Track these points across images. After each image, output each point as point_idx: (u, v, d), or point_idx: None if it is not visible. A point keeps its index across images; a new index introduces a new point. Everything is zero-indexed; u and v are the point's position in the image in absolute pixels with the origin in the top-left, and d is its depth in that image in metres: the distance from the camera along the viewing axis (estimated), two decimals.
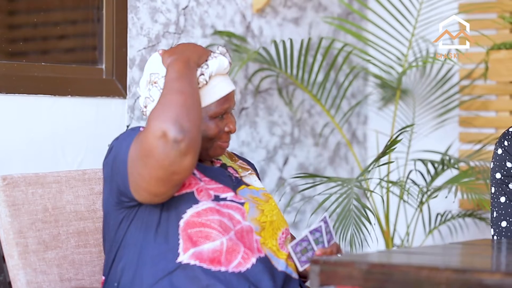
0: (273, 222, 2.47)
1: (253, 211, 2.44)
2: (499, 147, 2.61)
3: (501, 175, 2.59)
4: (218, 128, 2.46)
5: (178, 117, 2.22)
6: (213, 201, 2.37)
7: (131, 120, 3.57)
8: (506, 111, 4.27)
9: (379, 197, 4.36)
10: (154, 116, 2.25)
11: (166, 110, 2.23)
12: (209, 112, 2.44)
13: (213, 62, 2.41)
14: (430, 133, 4.40)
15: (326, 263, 1.96)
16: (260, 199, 2.51)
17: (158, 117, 2.23)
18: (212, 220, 2.34)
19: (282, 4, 4.24)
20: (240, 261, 2.35)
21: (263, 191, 2.57)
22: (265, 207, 2.48)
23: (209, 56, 2.44)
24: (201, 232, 2.33)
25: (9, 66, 3.22)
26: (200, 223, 2.33)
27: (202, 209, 2.35)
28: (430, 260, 2.09)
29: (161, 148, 2.21)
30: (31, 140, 3.23)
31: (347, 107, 4.52)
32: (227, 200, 2.41)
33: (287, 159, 4.30)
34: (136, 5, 3.59)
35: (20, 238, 2.56)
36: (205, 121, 2.44)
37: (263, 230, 2.44)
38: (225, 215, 2.37)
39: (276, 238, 2.45)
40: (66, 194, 2.71)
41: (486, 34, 4.11)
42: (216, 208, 2.36)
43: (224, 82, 2.46)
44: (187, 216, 2.34)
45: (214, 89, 2.43)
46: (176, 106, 2.23)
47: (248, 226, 2.40)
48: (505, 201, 2.58)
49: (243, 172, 2.59)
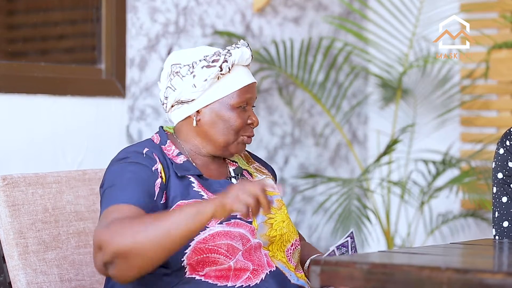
0: (283, 235, 2.43)
1: (262, 227, 2.39)
2: (501, 147, 2.60)
3: (503, 175, 2.58)
4: (241, 119, 2.40)
5: (124, 253, 2.13)
6: (221, 223, 2.32)
7: (130, 120, 3.57)
8: (507, 111, 4.26)
9: (380, 197, 4.36)
10: (119, 225, 2.16)
11: (128, 235, 2.13)
12: (232, 101, 2.39)
13: (236, 52, 2.39)
14: (431, 133, 4.39)
15: (327, 263, 1.95)
16: (273, 207, 2.46)
17: (117, 232, 2.14)
18: (220, 245, 2.29)
19: (282, 4, 4.23)
20: (249, 275, 2.32)
21: (277, 196, 2.53)
22: (276, 218, 2.44)
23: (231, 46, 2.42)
24: (208, 258, 2.29)
25: (9, 66, 3.21)
26: (207, 249, 2.28)
27: (209, 235, 2.29)
28: (432, 260, 2.09)
29: (95, 254, 2.19)
30: (31, 140, 3.22)
31: (348, 107, 4.51)
32: (237, 218, 2.36)
33: (287, 159, 4.29)
34: (136, 4, 3.59)
35: (20, 238, 2.55)
36: (227, 111, 2.40)
37: (271, 244, 2.40)
38: (235, 235, 2.32)
39: (284, 250, 2.42)
40: (66, 194, 2.70)
41: (487, 34, 4.10)
42: (224, 231, 2.31)
43: (247, 73, 2.44)
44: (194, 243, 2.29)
45: (236, 77, 2.40)
46: (136, 242, 2.13)
47: (257, 243, 2.36)
48: (507, 201, 2.57)
49: (258, 176, 2.55)
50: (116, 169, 2.32)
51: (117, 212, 2.21)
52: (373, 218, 4.24)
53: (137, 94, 3.59)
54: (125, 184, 2.27)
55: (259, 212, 2.14)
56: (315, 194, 4.39)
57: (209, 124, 2.40)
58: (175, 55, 2.44)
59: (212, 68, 2.36)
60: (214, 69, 2.36)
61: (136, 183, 2.28)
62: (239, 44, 2.43)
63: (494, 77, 4.18)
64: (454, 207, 4.34)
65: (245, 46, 2.42)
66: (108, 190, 2.29)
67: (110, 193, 2.27)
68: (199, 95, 2.38)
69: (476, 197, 3.83)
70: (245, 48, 2.41)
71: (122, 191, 2.26)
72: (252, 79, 2.44)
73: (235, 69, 2.41)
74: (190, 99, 2.39)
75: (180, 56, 2.43)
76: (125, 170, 2.30)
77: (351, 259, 1.98)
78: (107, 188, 2.30)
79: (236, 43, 2.43)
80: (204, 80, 2.36)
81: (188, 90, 2.38)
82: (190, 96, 2.38)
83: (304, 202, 4.35)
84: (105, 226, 2.18)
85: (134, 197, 2.24)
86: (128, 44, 3.56)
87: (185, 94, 2.38)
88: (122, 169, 2.31)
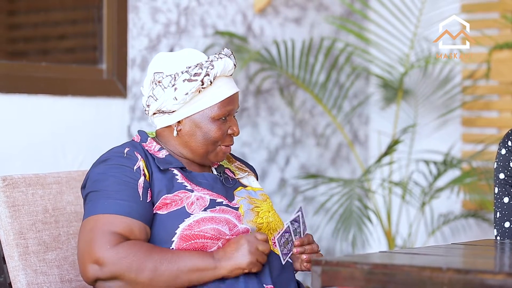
0: (270, 223, 2.46)
1: (248, 214, 2.42)
2: (503, 147, 2.60)
3: (504, 175, 2.58)
4: (221, 130, 2.44)
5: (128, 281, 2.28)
6: (205, 210, 2.36)
7: (131, 120, 3.56)
8: (508, 111, 4.26)
9: (381, 197, 4.35)
10: (132, 255, 2.27)
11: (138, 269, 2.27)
12: (212, 113, 2.42)
13: (219, 63, 2.40)
14: (432, 134, 4.39)
15: (328, 263, 1.95)
16: (257, 199, 2.49)
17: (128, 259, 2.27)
18: (206, 230, 2.33)
19: (283, 4, 4.23)
20: None
21: (261, 191, 2.56)
22: (262, 207, 2.47)
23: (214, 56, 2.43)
24: (196, 243, 2.32)
25: (9, 66, 3.21)
26: (194, 235, 2.32)
27: (194, 221, 2.33)
28: (433, 260, 2.09)
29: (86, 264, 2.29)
30: (31, 141, 3.22)
31: (349, 107, 4.51)
32: (222, 205, 2.39)
33: (288, 159, 4.29)
34: (137, 5, 3.59)
35: (20, 239, 2.55)
36: (208, 124, 2.42)
37: (259, 231, 2.42)
38: (221, 220, 2.35)
39: (270, 238, 2.45)
40: (67, 194, 2.70)
41: (488, 34, 4.10)
42: (209, 217, 2.34)
43: (229, 83, 2.45)
44: (179, 230, 2.33)
45: (218, 90, 2.42)
46: (144, 279, 2.27)
47: (245, 228, 2.38)
48: (508, 201, 2.57)
49: (240, 173, 2.58)
50: (99, 171, 2.38)
51: (110, 225, 2.29)
52: (374, 218, 4.24)
53: (138, 94, 3.59)
54: (110, 190, 2.33)
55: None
56: (316, 195, 4.38)
57: (189, 135, 2.44)
58: (159, 61, 2.46)
59: (193, 82, 2.38)
60: (195, 83, 2.38)
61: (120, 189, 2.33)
62: (222, 53, 2.44)
63: (495, 77, 4.17)
64: (455, 208, 4.34)
65: (228, 56, 2.44)
66: (93, 194, 2.35)
67: (95, 199, 2.34)
68: (180, 107, 2.41)
69: (477, 197, 3.83)
70: (227, 59, 2.43)
71: (108, 198, 2.32)
72: (234, 90, 2.46)
73: (217, 81, 2.43)
74: (171, 110, 2.42)
75: (163, 63, 2.45)
76: (108, 174, 2.36)
77: (352, 259, 1.98)
78: (91, 192, 2.36)
79: (219, 53, 2.44)
80: (185, 93, 2.39)
81: (169, 102, 2.40)
82: (171, 107, 2.41)
83: (305, 203, 4.35)
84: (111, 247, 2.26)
85: (122, 206, 2.31)
86: (129, 44, 3.55)
87: (166, 105, 2.41)
88: (105, 172, 2.36)
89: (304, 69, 4.10)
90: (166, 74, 2.42)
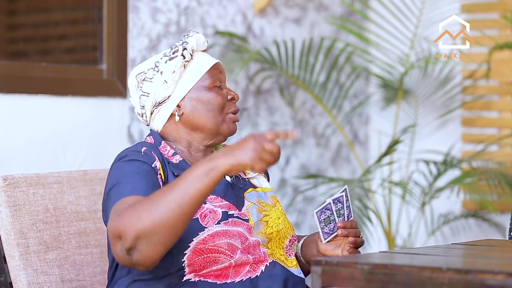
0: (280, 231, 2.44)
1: (258, 225, 2.41)
2: None
3: None
4: (221, 95, 2.45)
5: (146, 233, 2.11)
6: (219, 223, 2.33)
7: (131, 120, 3.57)
8: (508, 111, 4.26)
9: (381, 197, 4.35)
10: (132, 210, 2.13)
11: (144, 216, 2.11)
12: (205, 83, 2.45)
13: (191, 39, 2.46)
14: (432, 134, 4.39)
15: (328, 263, 1.95)
16: (267, 204, 2.47)
17: (132, 216, 2.12)
18: (220, 245, 2.30)
19: (283, 4, 4.23)
20: (249, 269, 2.33)
21: (271, 192, 2.54)
22: (271, 214, 2.45)
23: (184, 36, 2.48)
24: (208, 258, 2.30)
25: (9, 66, 3.21)
26: (207, 249, 2.29)
27: (208, 235, 2.30)
28: (433, 260, 2.09)
29: (114, 246, 2.16)
30: (32, 141, 3.22)
31: (349, 107, 4.51)
32: (234, 217, 2.37)
33: (288, 159, 4.29)
34: (137, 5, 3.59)
35: (21, 238, 2.55)
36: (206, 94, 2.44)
37: (269, 241, 2.41)
38: (234, 234, 2.33)
39: (283, 246, 2.43)
40: (67, 194, 2.70)
41: (488, 34, 4.10)
42: (223, 231, 2.32)
43: (208, 56, 2.51)
44: (193, 244, 2.30)
45: (201, 61, 2.47)
46: (155, 220, 2.11)
47: (255, 241, 2.37)
48: None
49: (250, 172, 2.56)
50: (117, 168, 2.33)
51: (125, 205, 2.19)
52: (374, 218, 4.24)
53: None
54: (128, 178, 2.27)
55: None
56: (316, 195, 4.38)
57: (192, 113, 2.43)
58: (135, 69, 2.50)
59: (175, 58, 2.41)
60: (177, 59, 2.41)
61: (138, 176, 2.28)
62: (190, 33, 2.48)
63: (495, 77, 4.18)
64: (455, 208, 4.34)
65: (197, 33, 2.49)
66: (112, 189, 2.28)
67: (114, 191, 2.27)
68: (173, 89, 2.42)
69: (477, 197, 3.83)
70: (197, 34, 2.48)
71: (125, 184, 2.25)
72: (216, 60, 2.50)
73: (196, 55, 2.47)
74: (166, 97, 2.42)
75: (140, 67, 2.49)
76: (125, 167, 2.31)
77: (352, 259, 1.98)
78: (111, 188, 2.29)
79: (187, 34, 2.48)
80: (173, 72, 2.41)
81: (161, 88, 2.41)
82: (165, 93, 2.42)
83: (305, 203, 4.35)
84: (117, 216, 2.16)
85: (139, 188, 2.24)
86: (129, 44, 3.56)
87: (159, 93, 2.42)
88: (122, 167, 2.32)
89: (304, 69, 4.11)
90: (147, 69, 2.45)
